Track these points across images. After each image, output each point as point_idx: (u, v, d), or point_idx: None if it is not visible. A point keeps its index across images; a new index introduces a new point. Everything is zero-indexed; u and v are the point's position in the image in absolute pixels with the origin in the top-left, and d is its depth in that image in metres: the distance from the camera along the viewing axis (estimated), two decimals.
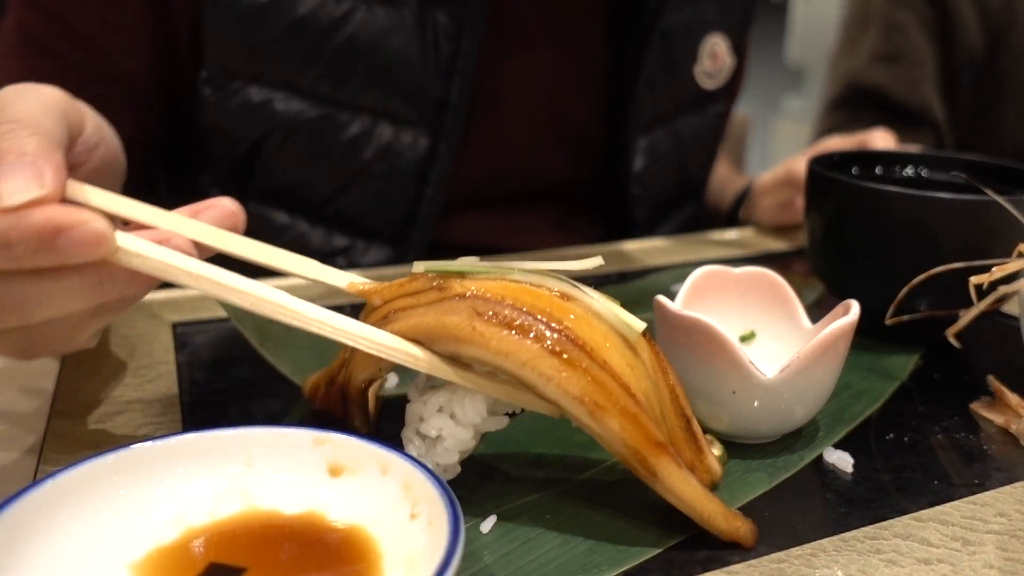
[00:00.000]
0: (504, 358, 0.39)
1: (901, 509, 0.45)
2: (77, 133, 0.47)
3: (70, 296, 0.38)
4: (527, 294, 0.41)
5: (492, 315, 0.40)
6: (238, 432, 0.41)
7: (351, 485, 0.40)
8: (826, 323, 0.52)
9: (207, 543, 0.38)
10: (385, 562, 0.36)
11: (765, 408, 0.48)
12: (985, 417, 0.55)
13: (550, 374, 0.39)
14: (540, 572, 0.40)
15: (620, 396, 0.39)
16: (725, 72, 0.98)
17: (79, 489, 0.37)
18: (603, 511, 0.44)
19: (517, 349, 0.39)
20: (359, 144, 0.78)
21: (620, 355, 0.41)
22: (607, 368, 0.40)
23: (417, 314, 0.42)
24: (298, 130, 0.77)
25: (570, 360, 0.39)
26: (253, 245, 0.43)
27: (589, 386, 0.39)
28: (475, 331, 0.40)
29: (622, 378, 0.40)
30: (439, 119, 0.79)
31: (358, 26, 0.75)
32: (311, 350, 0.60)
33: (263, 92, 0.76)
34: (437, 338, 0.41)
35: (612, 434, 0.39)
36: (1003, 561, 0.40)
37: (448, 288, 0.42)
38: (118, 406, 0.53)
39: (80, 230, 0.36)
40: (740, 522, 0.41)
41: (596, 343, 0.40)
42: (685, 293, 0.55)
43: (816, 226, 0.68)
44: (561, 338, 0.39)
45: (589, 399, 0.39)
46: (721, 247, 0.92)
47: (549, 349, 0.39)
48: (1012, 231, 0.57)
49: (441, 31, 0.76)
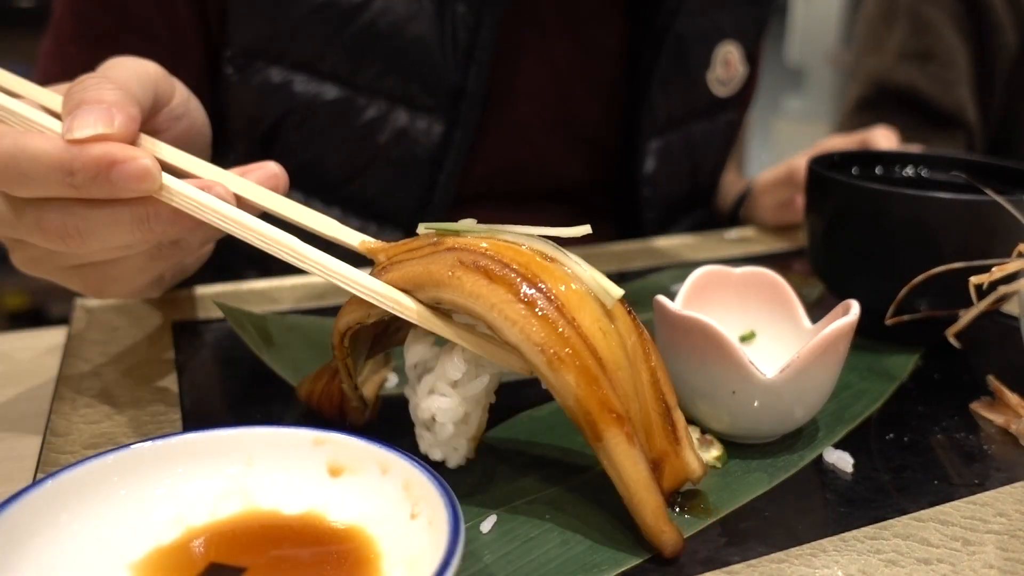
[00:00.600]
0: (475, 300, 0.41)
1: (901, 509, 0.45)
2: (164, 102, 0.52)
3: (121, 228, 0.44)
4: (510, 250, 0.42)
5: (472, 264, 0.42)
6: (238, 432, 0.41)
7: (351, 485, 0.40)
8: (826, 323, 0.52)
9: (207, 543, 0.38)
10: (385, 562, 0.36)
11: (765, 408, 0.48)
12: (985, 417, 0.55)
13: (514, 318, 0.40)
14: (540, 572, 0.40)
15: (583, 355, 0.40)
16: (737, 80, 0.99)
17: (79, 489, 0.37)
18: (603, 511, 0.44)
19: (488, 292, 0.41)
20: (375, 128, 0.79)
21: (593, 318, 0.41)
22: (575, 326, 0.40)
23: (409, 265, 0.44)
24: (316, 112, 0.79)
25: (538, 310, 0.40)
26: (286, 203, 0.48)
27: (552, 336, 0.40)
28: (453, 276, 0.42)
29: (590, 339, 0.40)
30: (455, 107, 0.79)
31: (378, 12, 0.76)
32: (310, 351, 0.60)
33: (284, 73, 0.78)
34: (421, 284, 0.43)
35: (567, 388, 0.40)
36: (1003, 561, 0.40)
37: (441, 243, 0.44)
38: (118, 406, 0.53)
39: (131, 164, 0.41)
40: (668, 527, 0.40)
41: (569, 301, 0.41)
42: (685, 293, 0.55)
43: (816, 226, 0.68)
44: (533, 290, 0.40)
45: (550, 349, 0.39)
46: (721, 247, 0.92)
47: (519, 296, 0.40)
48: (1012, 231, 0.57)
49: (460, 20, 0.77)
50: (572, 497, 0.45)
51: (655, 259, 0.86)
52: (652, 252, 0.88)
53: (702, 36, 0.93)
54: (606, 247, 0.89)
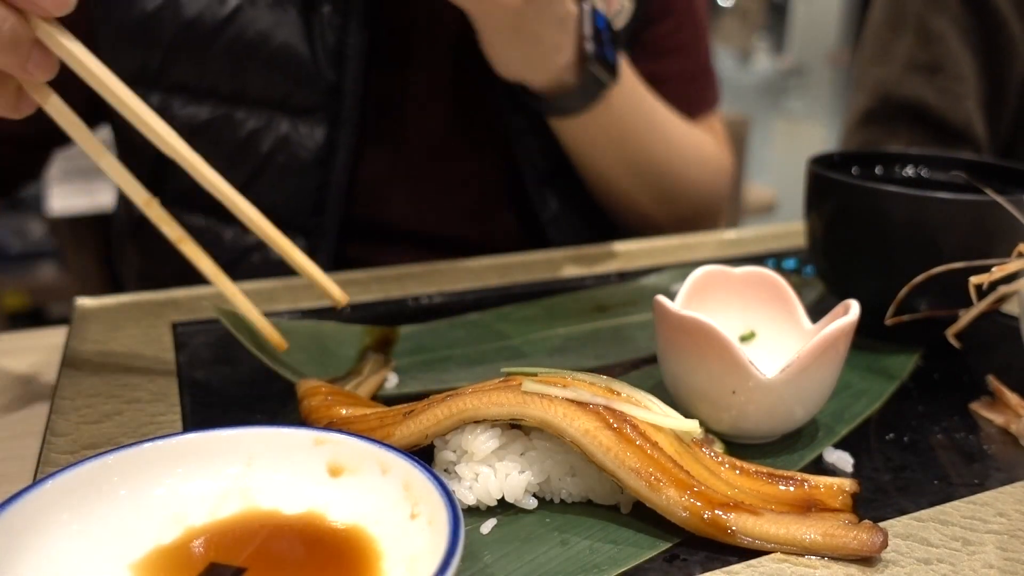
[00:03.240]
0: (569, 422, 0.42)
1: (901, 509, 0.45)
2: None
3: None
4: (588, 386, 0.44)
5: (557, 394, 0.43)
6: (238, 432, 0.41)
7: (351, 485, 0.40)
8: (826, 323, 0.52)
9: (207, 543, 0.38)
10: (385, 562, 0.36)
11: (765, 408, 0.48)
12: (985, 417, 0.55)
13: (608, 445, 0.42)
14: (540, 572, 0.40)
15: (674, 471, 0.42)
16: (624, 16, 0.87)
17: (79, 489, 0.37)
18: (603, 511, 0.44)
19: (582, 417, 0.42)
20: (257, 138, 0.80)
21: (669, 441, 0.43)
22: (660, 448, 0.42)
23: (483, 393, 0.44)
24: (198, 132, 0.79)
25: (629, 436, 0.42)
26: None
27: (644, 459, 0.42)
28: (543, 399, 0.43)
29: (674, 457, 0.43)
30: (335, 108, 0.80)
31: (245, 24, 0.77)
32: (308, 353, 0.60)
33: (160, 98, 0.79)
34: (501, 402, 0.43)
35: (672, 503, 0.41)
36: (1003, 561, 0.40)
37: (513, 381, 0.45)
38: (118, 406, 0.53)
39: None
40: (850, 534, 0.40)
41: (648, 428, 0.43)
42: (685, 293, 0.55)
43: (816, 226, 0.68)
44: (617, 419, 0.42)
45: (646, 471, 0.41)
46: (721, 247, 0.91)
47: (607, 424, 0.42)
48: (1012, 231, 0.57)
49: (326, 21, 0.78)
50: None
51: (655, 259, 0.86)
52: (652, 252, 0.88)
53: None
54: (606, 247, 0.89)
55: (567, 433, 0.42)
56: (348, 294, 0.57)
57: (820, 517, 0.42)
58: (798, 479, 0.45)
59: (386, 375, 0.57)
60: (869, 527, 0.41)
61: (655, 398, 0.45)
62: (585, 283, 0.79)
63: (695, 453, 0.45)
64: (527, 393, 0.43)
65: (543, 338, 0.66)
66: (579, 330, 0.68)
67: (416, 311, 0.71)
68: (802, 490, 0.45)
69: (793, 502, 0.44)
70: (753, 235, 0.96)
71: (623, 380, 0.45)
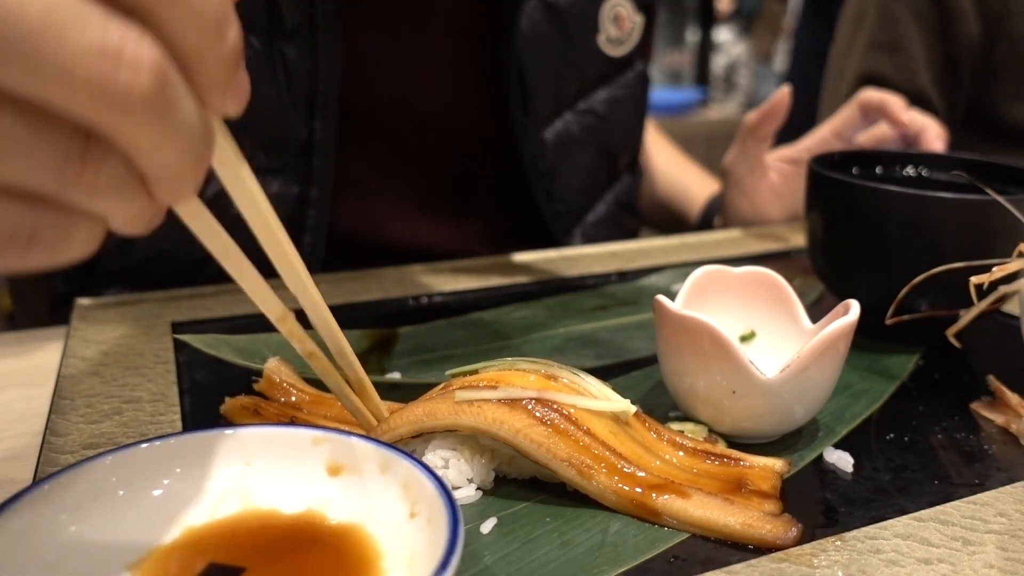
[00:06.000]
0: (499, 426, 0.43)
1: (901, 509, 0.45)
2: None
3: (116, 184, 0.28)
4: (520, 378, 0.45)
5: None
6: (237, 432, 0.41)
7: (350, 484, 0.40)
8: (826, 323, 0.52)
9: (207, 543, 0.38)
10: (384, 561, 0.36)
11: (765, 408, 0.48)
12: (985, 417, 0.55)
13: (539, 440, 0.43)
14: (540, 573, 0.40)
15: (605, 455, 0.43)
16: (635, 34, 0.90)
17: (79, 489, 0.37)
18: (603, 512, 0.44)
19: (510, 418, 0.43)
20: (225, 199, 0.77)
21: (603, 425, 0.45)
22: (592, 435, 0.44)
23: (420, 404, 0.45)
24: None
25: (558, 428, 0.43)
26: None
27: (575, 449, 0.43)
28: (471, 406, 0.44)
29: (607, 442, 0.44)
30: (306, 164, 0.75)
31: None
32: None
33: None
34: (434, 413, 0.44)
35: (604, 488, 0.43)
36: (1003, 561, 0.40)
37: (449, 386, 0.46)
38: (118, 406, 0.53)
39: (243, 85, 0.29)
40: (765, 526, 0.42)
41: (581, 415, 0.44)
42: (685, 293, 0.55)
43: (816, 226, 0.68)
44: (548, 410, 0.44)
45: (576, 460, 0.43)
46: (721, 247, 0.91)
47: (539, 420, 0.43)
48: (1012, 231, 0.57)
49: (292, 66, 0.72)
50: (572, 498, 0.45)
51: (655, 259, 0.86)
52: (652, 252, 0.88)
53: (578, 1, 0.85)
54: (605, 247, 0.89)
55: (499, 437, 0.43)
56: (347, 294, 0.57)
57: (746, 503, 0.43)
58: (733, 457, 0.47)
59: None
60: (786, 520, 0.42)
61: (593, 379, 0.46)
62: (585, 283, 0.79)
63: (633, 432, 0.46)
64: (458, 403, 0.44)
65: (543, 338, 0.66)
66: (579, 330, 0.68)
67: (416, 311, 0.71)
68: (736, 468, 0.46)
69: (726, 479, 0.46)
70: (753, 235, 0.96)
71: (616, 380, 0.46)
